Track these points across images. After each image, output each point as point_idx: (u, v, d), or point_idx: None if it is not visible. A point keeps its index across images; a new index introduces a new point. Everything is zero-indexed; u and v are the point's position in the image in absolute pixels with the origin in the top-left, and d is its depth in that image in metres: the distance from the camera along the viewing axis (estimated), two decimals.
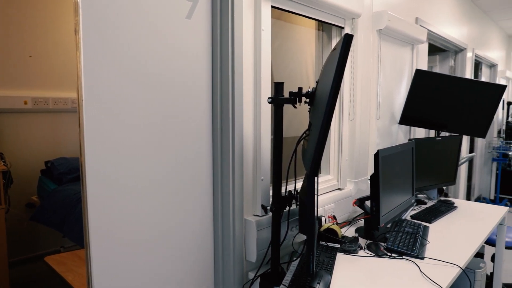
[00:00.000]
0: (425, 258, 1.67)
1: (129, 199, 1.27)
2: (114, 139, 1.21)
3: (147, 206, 1.32)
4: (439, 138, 2.59)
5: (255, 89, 1.59)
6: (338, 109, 2.18)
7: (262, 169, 1.62)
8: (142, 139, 1.29)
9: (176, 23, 1.36)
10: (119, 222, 1.24)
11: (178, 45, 1.37)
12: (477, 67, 5.26)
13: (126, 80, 1.23)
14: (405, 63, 2.86)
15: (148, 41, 1.28)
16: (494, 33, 5.58)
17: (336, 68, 1.01)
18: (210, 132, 1.53)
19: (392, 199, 1.94)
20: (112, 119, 1.20)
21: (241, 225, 1.57)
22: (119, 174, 1.23)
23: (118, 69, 1.20)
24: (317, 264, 1.55)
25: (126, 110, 1.23)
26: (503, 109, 6.20)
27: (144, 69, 1.27)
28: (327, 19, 1.98)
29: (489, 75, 5.72)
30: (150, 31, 1.28)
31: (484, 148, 5.63)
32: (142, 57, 1.26)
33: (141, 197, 1.30)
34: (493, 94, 2.65)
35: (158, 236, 1.37)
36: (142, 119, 1.28)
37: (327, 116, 1.01)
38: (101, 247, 1.20)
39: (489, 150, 5.82)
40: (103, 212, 1.20)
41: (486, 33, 5.13)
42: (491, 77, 5.74)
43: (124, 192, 1.25)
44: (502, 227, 2.45)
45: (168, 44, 1.34)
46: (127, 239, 1.27)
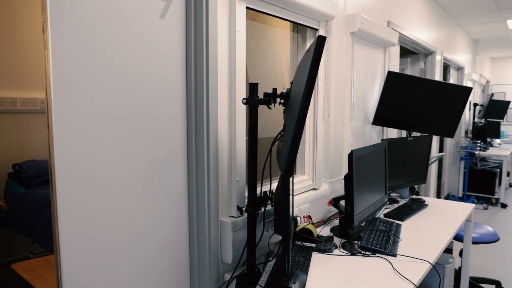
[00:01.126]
0: (397, 255, 1.71)
1: (101, 201, 1.24)
2: (85, 140, 1.18)
3: (120, 208, 1.29)
4: (411, 138, 2.66)
5: (229, 89, 1.59)
6: (313, 110, 2.20)
7: (237, 170, 1.61)
8: (114, 140, 1.26)
9: (149, 23, 1.34)
10: (90, 225, 1.21)
11: (152, 45, 1.35)
12: (446, 69, 5.44)
13: (97, 79, 1.20)
14: (378, 65, 2.93)
15: (120, 41, 1.25)
16: (461, 38, 5.79)
17: (310, 70, 1.02)
18: (185, 133, 1.51)
19: (365, 198, 1.98)
20: (82, 120, 1.17)
21: (217, 227, 1.56)
22: (90, 175, 1.20)
23: (89, 69, 1.17)
24: (292, 264, 1.56)
25: (97, 110, 1.20)
26: (469, 110, 6.44)
27: (116, 68, 1.24)
28: (301, 21, 2.00)
29: (457, 77, 5.93)
30: (122, 30, 1.25)
31: (452, 148, 5.83)
32: (114, 56, 1.24)
33: (113, 198, 1.27)
34: (460, 96, 2.75)
35: (131, 239, 1.34)
36: (114, 119, 1.25)
37: (301, 117, 1.02)
38: (72, 251, 1.17)
39: (457, 150, 6.04)
40: (73, 215, 1.16)
41: (453, 37, 5.32)
42: (458, 79, 5.96)
43: (96, 194, 1.22)
44: (469, 223, 2.55)
45: (141, 43, 1.32)
46: (100, 242, 1.24)
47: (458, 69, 5.91)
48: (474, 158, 5.94)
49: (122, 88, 1.27)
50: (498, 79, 8.94)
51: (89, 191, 1.20)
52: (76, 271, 1.19)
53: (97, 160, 1.22)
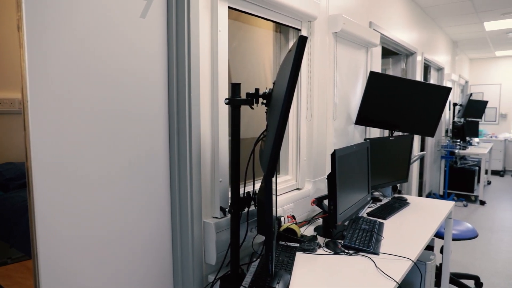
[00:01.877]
0: (380, 253, 1.73)
1: (81, 203, 1.21)
2: (63, 141, 1.15)
3: (100, 208, 1.27)
4: (392, 138, 2.70)
5: (212, 90, 1.58)
6: (296, 110, 2.21)
7: (220, 171, 1.60)
8: (94, 140, 1.24)
9: (129, 22, 1.32)
10: (70, 227, 1.18)
11: (132, 44, 1.33)
12: (426, 70, 5.55)
13: (76, 78, 1.17)
14: (360, 65, 2.96)
15: (100, 39, 1.23)
16: (441, 39, 5.91)
17: (291, 70, 1.02)
18: (167, 133, 1.49)
19: (349, 197, 2.00)
20: (60, 120, 1.14)
21: (200, 228, 1.55)
22: (69, 176, 1.17)
23: (67, 67, 1.15)
24: (276, 264, 1.56)
25: (76, 110, 1.18)
26: (449, 109, 6.58)
27: (95, 68, 1.22)
28: (284, 21, 2.00)
29: (437, 77, 6.05)
30: (102, 29, 1.23)
31: (433, 147, 5.94)
32: (93, 55, 1.21)
33: (94, 199, 1.25)
34: (440, 96, 2.81)
35: (112, 240, 1.32)
36: (94, 119, 1.23)
37: (283, 117, 1.02)
38: (50, 255, 1.14)
39: (438, 149, 6.16)
40: (52, 218, 1.14)
41: (433, 38, 5.42)
42: (438, 80, 6.08)
43: (75, 195, 1.19)
44: (449, 220, 2.60)
45: (122, 42, 1.29)
46: (79, 244, 1.22)
47: (438, 69, 6.03)
48: (454, 157, 6.07)
49: (102, 87, 1.25)
50: (476, 79, 9.16)
51: (68, 192, 1.18)
52: (55, 276, 1.16)
53: (76, 160, 1.19)
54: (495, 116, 9.00)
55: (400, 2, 3.89)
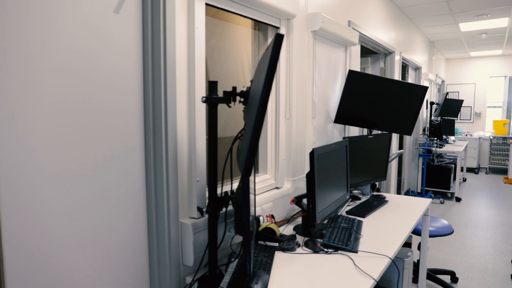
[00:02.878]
0: (358, 251, 1.74)
1: (49, 201, 1.16)
2: (31, 136, 1.10)
3: (71, 207, 1.22)
4: (371, 136, 2.72)
5: (189, 87, 1.55)
6: (275, 109, 2.20)
7: (198, 170, 1.58)
8: (65, 135, 1.19)
9: (102, 17, 1.27)
10: (38, 229, 1.14)
11: (105, 40, 1.29)
12: (404, 69, 5.64)
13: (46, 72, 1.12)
14: (339, 64, 2.97)
15: (70, 34, 1.18)
16: (418, 39, 6.02)
17: (268, 68, 1.00)
18: (142, 131, 1.45)
19: (327, 196, 2.00)
20: (28, 115, 1.09)
21: (177, 228, 1.52)
22: (38, 172, 1.12)
23: (37, 61, 1.10)
24: (255, 264, 1.55)
25: (45, 104, 1.13)
26: (426, 108, 6.71)
27: (65, 63, 1.17)
28: (262, 19, 1.98)
29: (415, 77, 6.16)
30: (72, 23, 1.18)
31: (411, 145, 6.05)
32: (63, 51, 1.16)
33: (64, 198, 1.20)
34: (417, 95, 2.85)
35: (84, 240, 1.27)
36: (63, 116, 1.18)
37: (260, 115, 1.00)
38: (18, 259, 1.09)
39: (416, 147, 6.27)
40: (19, 221, 1.09)
41: (411, 38, 5.52)
42: (416, 79, 6.19)
43: (44, 193, 1.15)
44: (426, 217, 2.64)
45: (94, 38, 1.25)
46: (48, 245, 1.17)
47: (416, 68, 6.14)
48: (431, 155, 6.20)
49: (73, 81, 1.20)
50: (452, 79, 9.39)
51: (35, 191, 1.13)
52: (22, 281, 1.11)
53: (43, 159, 1.14)
54: (470, 115, 9.25)
55: (378, 2, 3.93)
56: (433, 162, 6.33)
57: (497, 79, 9.00)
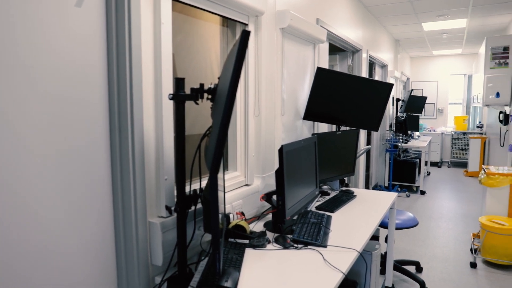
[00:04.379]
0: (328, 246, 1.77)
1: (6, 201, 1.11)
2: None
3: (30, 208, 1.17)
4: (339, 133, 2.77)
5: (155, 84, 1.52)
6: (244, 106, 2.19)
7: (166, 168, 1.55)
8: (22, 135, 1.13)
9: (62, 11, 1.22)
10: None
11: (66, 35, 1.23)
12: (371, 66, 5.78)
13: (2, 66, 1.06)
14: (307, 61, 3.00)
15: (27, 29, 1.12)
16: (384, 37, 6.19)
17: (234, 64, 0.99)
18: (107, 128, 1.41)
19: (297, 192, 2.02)
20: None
21: (145, 228, 1.49)
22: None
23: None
24: (225, 261, 1.54)
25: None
26: (393, 105, 6.91)
27: (21, 60, 1.12)
28: (230, 15, 1.97)
29: (381, 74, 6.32)
30: (28, 18, 1.13)
31: (379, 141, 6.22)
32: (22, 45, 1.11)
33: (22, 197, 1.14)
34: (383, 91, 2.93)
35: (46, 242, 1.22)
36: (21, 114, 1.13)
37: (227, 112, 0.99)
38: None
39: (383, 142, 6.45)
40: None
41: (377, 36, 5.66)
42: (383, 76, 6.36)
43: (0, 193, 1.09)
44: (392, 211, 2.72)
45: (53, 33, 1.20)
46: (6, 248, 1.11)
47: (382, 66, 6.30)
48: (397, 150, 6.39)
49: (29, 81, 1.14)
50: (417, 76, 9.72)
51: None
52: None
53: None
54: (433, 111, 9.61)
55: (346, 1, 4.00)
56: (399, 157, 6.54)
57: (457, 77, 9.40)
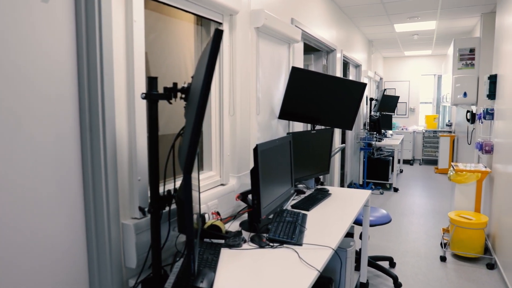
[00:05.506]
0: (303, 244, 1.78)
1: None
2: None
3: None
4: (314, 131, 2.80)
5: (128, 84, 1.49)
6: (219, 105, 2.18)
7: (139, 169, 1.52)
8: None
9: (27, 6, 1.18)
10: None
11: (32, 31, 1.19)
12: (346, 66, 5.87)
13: None
14: (282, 61, 3.02)
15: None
16: (358, 38, 6.30)
17: (207, 64, 0.99)
18: (78, 129, 1.37)
19: (272, 191, 2.03)
20: None
21: (118, 230, 1.46)
22: None
23: None
24: (200, 262, 1.53)
25: None
26: (366, 104, 7.05)
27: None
28: (204, 14, 1.96)
29: (355, 74, 6.44)
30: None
31: (353, 139, 6.33)
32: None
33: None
34: (357, 91, 2.98)
35: (13, 244, 1.17)
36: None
37: (200, 112, 0.99)
38: None
39: (357, 141, 6.57)
40: None
41: (351, 37, 5.75)
42: (357, 76, 6.48)
43: None
44: (366, 208, 2.78)
45: (18, 29, 1.15)
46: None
47: (356, 66, 6.41)
48: (371, 148, 6.53)
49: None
50: (389, 76, 9.95)
51: None
52: None
53: None
54: (405, 110, 9.87)
55: (320, 1, 4.05)
56: (373, 155, 6.68)
57: (428, 77, 9.68)
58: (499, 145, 3.58)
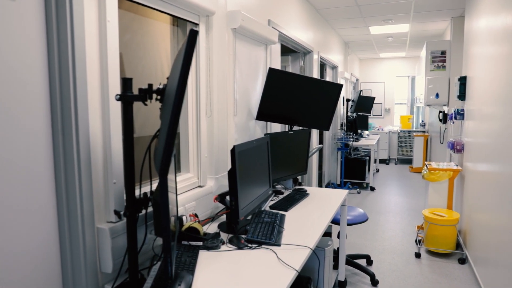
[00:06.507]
0: (281, 244, 1.79)
1: None
2: None
3: None
4: (291, 132, 2.83)
5: (102, 85, 1.46)
6: (196, 106, 2.17)
7: (114, 172, 1.50)
8: None
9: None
10: None
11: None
12: (323, 68, 5.95)
13: None
14: (259, 62, 3.03)
15: None
16: (334, 39, 6.39)
17: (182, 64, 0.98)
18: (50, 132, 1.33)
19: (250, 192, 2.03)
20: None
21: (93, 234, 1.43)
22: None
23: None
24: (178, 265, 1.52)
25: None
26: (343, 105, 7.16)
27: None
28: (180, 14, 1.94)
29: (332, 75, 6.53)
30: None
31: (331, 140, 6.41)
32: None
33: None
34: (333, 92, 3.02)
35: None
36: None
37: (175, 113, 0.98)
38: None
39: (335, 141, 6.67)
40: None
41: (328, 38, 5.83)
42: (333, 77, 6.57)
43: None
44: (344, 207, 2.82)
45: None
46: None
47: (333, 67, 6.50)
48: (348, 148, 6.63)
49: None
50: (365, 77, 10.14)
51: None
52: None
53: None
54: (381, 111, 10.08)
55: (297, 3, 4.08)
56: (350, 155, 6.78)
57: (402, 78, 9.93)
58: (469, 144, 3.71)
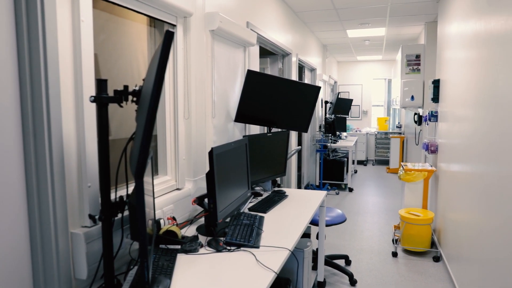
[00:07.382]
0: (260, 246, 1.80)
1: None
2: None
3: None
4: (270, 134, 2.84)
5: (76, 86, 1.42)
6: (173, 108, 2.15)
7: (89, 175, 1.46)
8: None
9: None
10: None
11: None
12: (301, 70, 6.00)
13: None
14: (238, 64, 3.03)
15: None
16: (313, 42, 6.46)
17: (158, 66, 0.97)
18: (20, 136, 1.29)
19: (228, 194, 2.02)
20: None
21: (66, 239, 1.39)
22: None
23: None
24: (155, 269, 1.49)
25: None
26: (322, 107, 7.24)
27: None
28: (157, 15, 1.92)
29: (311, 77, 6.59)
30: None
31: (309, 141, 6.47)
32: None
33: None
34: (311, 94, 3.05)
35: None
36: None
37: (150, 115, 0.97)
38: None
39: (313, 143, 6.73)
40: None
41: (306, 41, 5.89)
42: (312, 79, 6.63)
43: None
44: (322, 208, 2.85)
45: None
46: None
47: (311, 70, 6.57)
48: (327, 150, 6.71)
49: None
50: (343, 80, 10.29)
51: None
52: None
53: None
54: (358, 113, 10.24)
55: (275, 5, 4.11)
56: (329, 157, 6.86)
57: (379, 81, 10.13)
58: (442, 145, 3.82)
